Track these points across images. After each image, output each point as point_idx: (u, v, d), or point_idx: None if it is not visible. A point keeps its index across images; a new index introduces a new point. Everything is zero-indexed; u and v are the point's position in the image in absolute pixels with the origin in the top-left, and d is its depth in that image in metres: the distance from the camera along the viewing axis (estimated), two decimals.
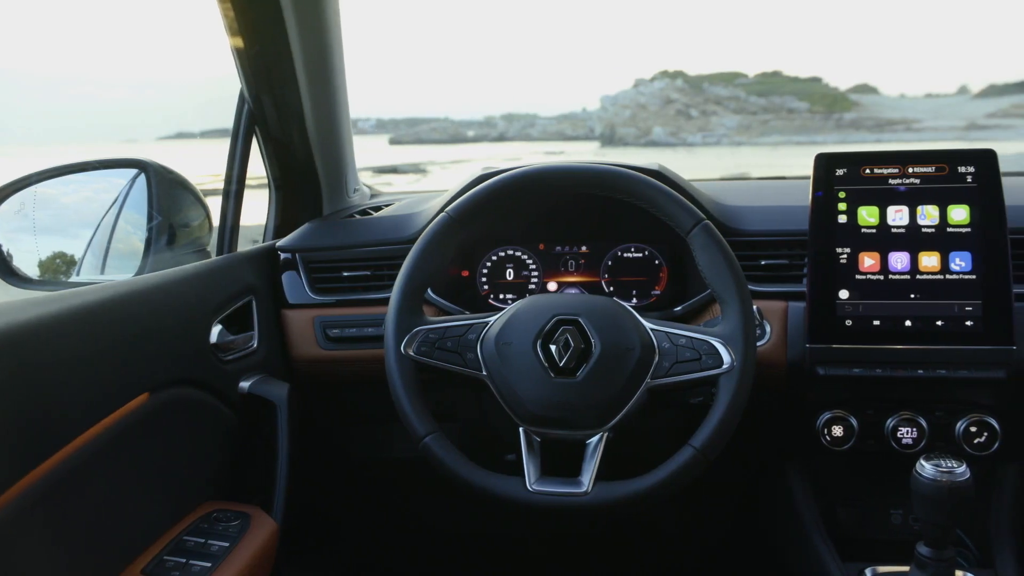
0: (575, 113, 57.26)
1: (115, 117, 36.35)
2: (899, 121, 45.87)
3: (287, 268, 1.43)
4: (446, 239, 1.17)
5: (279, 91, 1.33)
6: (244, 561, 1.04)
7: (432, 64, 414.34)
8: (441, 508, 1.64)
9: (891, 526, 1.35)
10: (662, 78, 50.92)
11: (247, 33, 1.22)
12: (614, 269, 1.48)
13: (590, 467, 1.07)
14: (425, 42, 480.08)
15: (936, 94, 66.51)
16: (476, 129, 63.00)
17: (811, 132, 46.58)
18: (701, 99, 51.60)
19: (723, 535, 1.71)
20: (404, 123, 70.82)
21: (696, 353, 1.09)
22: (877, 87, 59.72)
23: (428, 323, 1.14)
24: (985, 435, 1.23)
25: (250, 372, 1.26)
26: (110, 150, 1.63)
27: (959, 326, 1.22)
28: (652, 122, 48.64)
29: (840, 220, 1.28)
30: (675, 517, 1.71)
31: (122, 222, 1.57)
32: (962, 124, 38.85)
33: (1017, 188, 1.37)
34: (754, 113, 49.82)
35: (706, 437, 1.05)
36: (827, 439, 1.27)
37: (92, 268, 1.59)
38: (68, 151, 1.80)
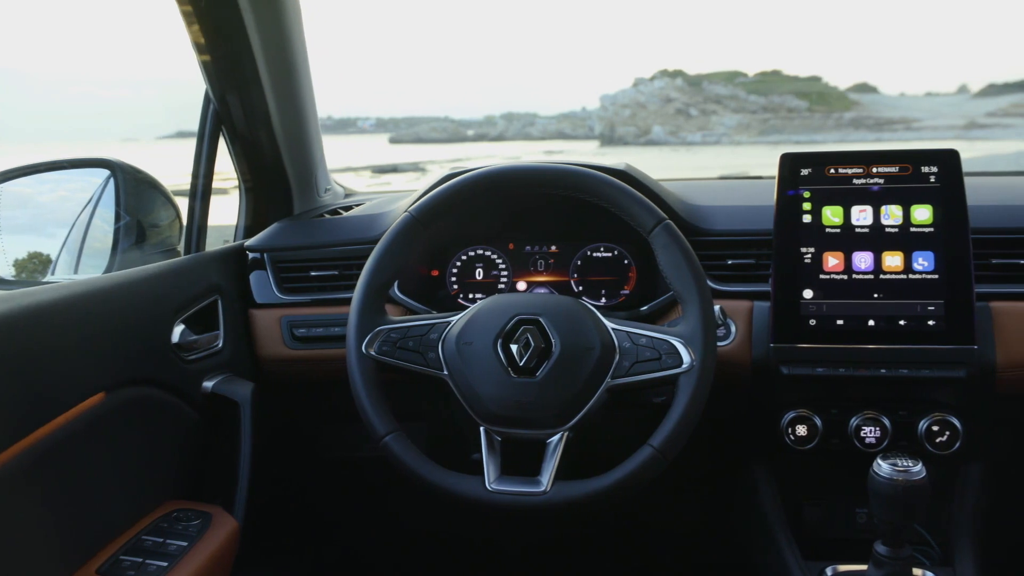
0: (575, 112, 57.18)
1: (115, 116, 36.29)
2: (899, 120, 45.83)
3: (255, 268, 1.44)
4: (409, 239, 1.17)
5: (244, 92, 1.33)
6: (202, 560, 1.04)
7: (432, 63, 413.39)
8: (411, 508, 1.64)
9: (857, 525, 1.35)
10: (662, 77, 50.89)
11: (208, 34, 1.22)
12: (583, 269, 1.49)
13: (549, 466, 1.07)
14: (425, 41, 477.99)
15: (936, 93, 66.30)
16: (476, 128, 62.86)
17: (811, 131, 46.55)
18: (701, 98, 51.54)
19: (691, 534, 1.71)
20: (404, 122, 70.71)
21: (656, 353, 1.09)
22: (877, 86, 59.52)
23: (390, 323, 1.15)
24: (947, 434, 1.23)
25: (215, 372, 1.26)
26: (110, 149, 1.63)
27: (921, 325, 1.22)
28: (652, 121, 48.59)
29: (805, 220, 1.28)
30: (644, 516, 1.71)
31: (97, 221, 1.57)
32: (962, 123, 38.82)
33: (979, 188, 1.37)
34: (754, 112, 49.78)
35: (664, 437, 1.06)
36: (791, 438, 1.27)
37: (67, 267, 1.60)
38: (67, 150, 1.80)
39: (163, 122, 45.02)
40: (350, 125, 76.42)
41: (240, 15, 1.19)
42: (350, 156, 34.83)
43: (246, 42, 1.24)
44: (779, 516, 1.30)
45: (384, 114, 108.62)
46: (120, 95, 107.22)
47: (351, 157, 32.68)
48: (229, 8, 1.18)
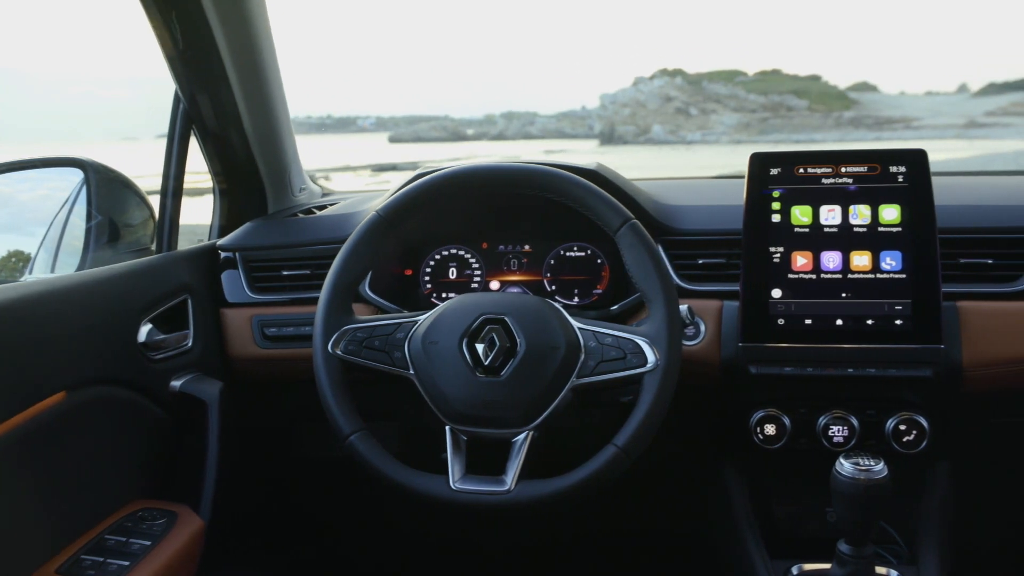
0: (574, 111, 57.16)
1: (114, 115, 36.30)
2: (898, 119, 45.80)
3: (227, 267, 1.44)
4: (375, 238, 1.18)
5: (212, 91, 1.33)
6: (164, 560, 1.05)
7: (433, 62, 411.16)
8: (389, 507, 1.64)
9: (827, 524, 1.36)
10: (661, 76, 50.84)
11: (173, 33, 1.22)
12: (556, 268, 1.49)
13: (514, 466, 1.08)
14: (426, 40, 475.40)
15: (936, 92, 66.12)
16: (476, 127, 62.80)
17: (810, 130, 46.52)
18: (700, 97, 51.52)
19: (662, 532, 1.72)
20: (404, 121, 70.55)
21: (621, 352, 1.10)
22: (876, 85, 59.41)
23: (356, 322, 1.15)
24: (914, 433, 1.23)
25: (183, 371, 1.26)
26: (110, 148, 1.63)
27: (889, 325, 1.22)
28: (651, 120, 48.59)
29: (774, 219, 1.29)
30: (615, 515, 1.71)
31: (74, 219, 1.58)
32: (961, 122, 38.77)
33: (947, 188, 1.38)
34: (753, 111, 49.77)
35: (628, 436, 1.06)
36: (759, 437, 1.28)
37: (44, 266, 1.60)
38: (66, 150, 1.80)
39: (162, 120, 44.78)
40: (350, 124, 76.17)
41: (204, 13, 1.19)
42: (350, 155, 34.77)
43: (212, 41, 1.24)
44: (747, 515, 1.31)
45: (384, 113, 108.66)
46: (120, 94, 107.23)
47: (351, 156, 32.61)
48: (192, 7, 1.18)
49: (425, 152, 46.10)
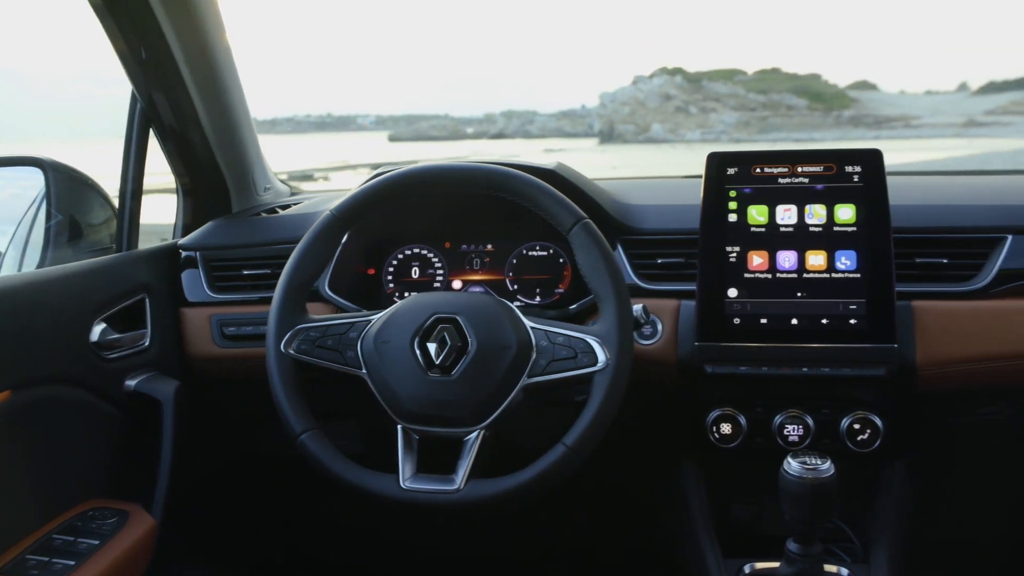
0: (574, 110, 57.11)
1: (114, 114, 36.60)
2: (898, 118, 45.81)
3: (188, 266, 1.44)
4: (329, 238, 1.18)
5: (168, 91, 1.33)
6: (112, 559, 1.05)
7: (433, 61, 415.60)
8: (342, 506, 1.64)
9: (786, 523, 1.36)
10: (661, 75, 50.86)
11: (124, 33, 1.22)
12: (518, 267, 1.49)
13: (464, 465, 1.08)
14: (426, 39, 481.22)
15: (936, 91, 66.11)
16: (475, 126, 62.81)
17: (810, 129, 46.55)
18: (700, 96, 51.54)
19: (621, 532, 1.72)
20: (404, 120, 70.63)
21: (572, 351, 1.10)
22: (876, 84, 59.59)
23: (310, 321, 1.15)
24: (868, 432, 1.23)
25: (139, 370, 1.27)
26: (110, 147, 1.64)
27: (843, 324, 1.22)
28: (651, 119, 48.59)
29: (730, 219, 1.29)
30: (574, 514, 1.72)
31: (40, 218, 1.58)
32: (960, 121, 38.79)
33: (905, 188, 1.38)
34: (753, 110, 49.78)
35: (578, 435, 1.06)
36: (715, 436, 1.28)
37: (13, 264, 1.60)
38: (66, 149, 1.80)
39: None
40: (350, 122, 76.33)
41: (153, 13, 1.19)
42: (349, 154, 34.80)
43: (164, 41, 1.24)
44: (704, 514, 1.31)
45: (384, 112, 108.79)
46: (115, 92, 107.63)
47: (351, 154, 32.66)
48: (141, 7, 1.18)
49: (425, 150, 46.20)
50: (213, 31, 1.31)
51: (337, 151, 33.86)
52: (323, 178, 13.68)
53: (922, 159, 22.36)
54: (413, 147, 52.78)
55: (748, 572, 1.21)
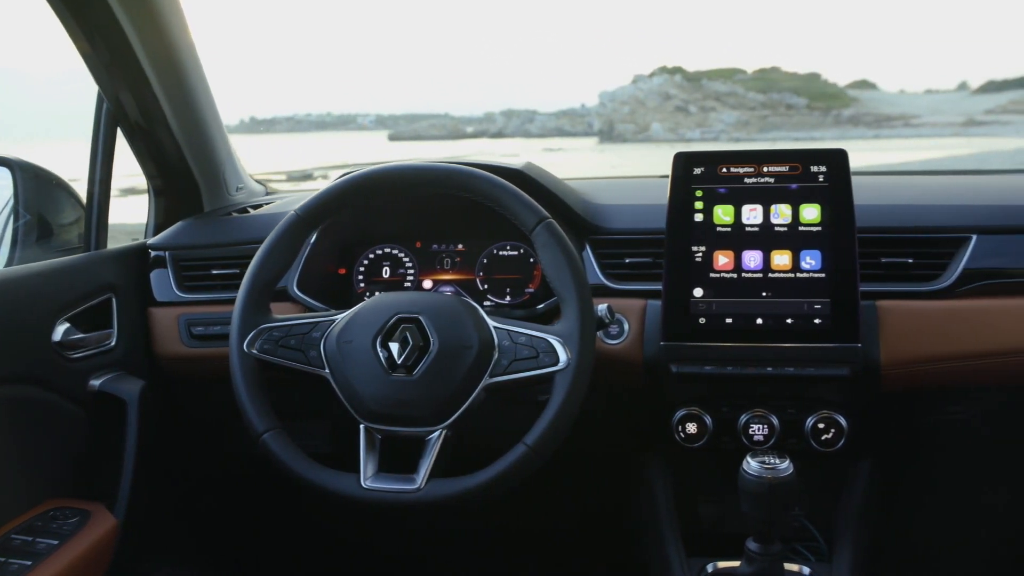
0: (574, 109, 57.02)
1: None
2: (897, 117, 45.78)
3: (157, 266, 1.44)
4: (293, 238, 1.19)
5: (134, 92, 1.33)
6: (71, 559, 1.05)
7: (433, 60, 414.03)
8: (320, 506, 1.65)
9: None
10: (661, 74, 50.80)
11: (86, 33, 1.22)
12: (489, 267, 1.49)
13: (425, 464, 1.08)
14: (426, 38, 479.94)
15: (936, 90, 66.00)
16: (475, 125, 62.72)
17: (809, 128, 46.53)
18: (700, 95, 51.48)
19: (589, 531, 1.72)
20: (404, 119, 70.57)
21: (534, 351, 1.10)
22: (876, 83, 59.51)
23: (273, 321, 1.16)
24: (832, 432, 1.24)
25: (105, 370, 1.27)
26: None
27: (808, 324, 1.22)
28: (650, 118, 48.55)
29: (696, 219, 1.29)
30: (541, 514, 1.72)
31: (9, 218, 1.58)
32: (960, 120, 38.78)
33: (871, 188, 1.38)
34: (752, 109, 49.75)
35: (538, 435, 1.07)
36: (681, 436, 1.28)
37: None
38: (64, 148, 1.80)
39: None
40: (350, 122, 76.21)
41: (113, 14, 1.18)
42: (350, 153, 34.77)
43: (126, 42, 1.24)
44: (669, 512, 1.31)
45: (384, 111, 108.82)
46: None
47: (351, 154, 32.63)
48: (100, 7, 1.18)
49: (424, 150, 46.16)
50: (176, 32, 1.31)
51: (337, 150, 33.85)
52: (323, 177, 13.64)
53: (922, 158, 22.34)
54: (413, 146, 52.69)
55: (711, 571, 1.21)
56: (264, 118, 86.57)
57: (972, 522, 1.54)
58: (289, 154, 27.15)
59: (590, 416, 1.30)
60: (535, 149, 36.89)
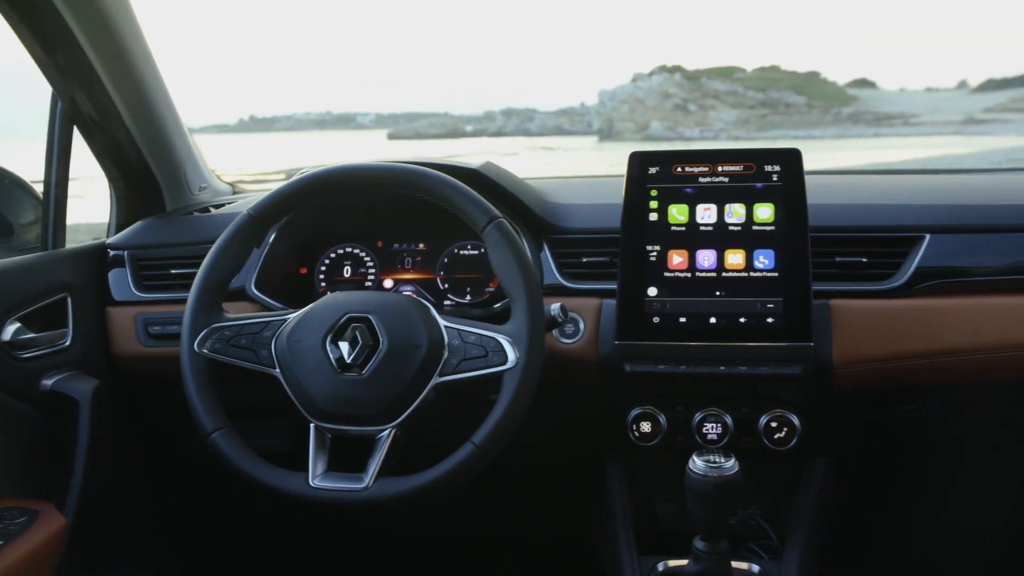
0: (573, 108, 57.04)
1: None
2: (897, 116, 45.80)
3: (115, 265, 1.45)
4: (244, 237, 1.19)
5: (88, 92, 1.32)
6: (16, 558, 1.05)
7: (433, 59, 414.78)
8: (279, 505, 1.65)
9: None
10: (660, 73, 50.79)
11: (35, 36, 1.22)
12: (450, 266, 1.49)
13: (374, 463, 1.09)
14: (426, 37, 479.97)
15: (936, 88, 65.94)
16: (475, 124, 62.75)
17: (809, 126, 46.54)
18: (699, 94, 51.49)
19: (545, 530, 1.72)
20: (403, 118, 70.63)
21: (483, 350, 1.10)
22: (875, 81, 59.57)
23: (224, 320, 1.16)
24: (785, 430, 1.24)
25: (58, 369, 1.27)
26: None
27: (761, 323, 1.22)
28: (650, 117, 48.53)
29: (651, 218, 1.29)
30: (498, 513, 1.72)
31: None
32: (959, 118, 38.78)
33: (824, 187, 1.38)
34: (752, 108, 49.76)
35: (486, 434, 1.07)
36: (636, 435, 1.28)
37: None
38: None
39: None
40: (350, 120, 76.32)
41: (60, 15, 1.18)
42: (349, 152, 34.76)
43: (75, 43, 1.23)
44: (624, 511, 1.31)
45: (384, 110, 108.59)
46: None
47: (350, 153, 32.60)
48: (45, 7, 1.17)
49: (424, 149, 46.16)
50: (126, 33, 1.30)
51: (336, 149, 33.86)
52: None
53: (921, 156, 22.32)
54: (412, 145, 52.72)
55: (661, 570, 1.22)
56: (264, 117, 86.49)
57: (927, 519, 1.55)
58: (289, 153, 27.15)
59: (547, 414, 1.30)
60: (534, 148, 36.90)
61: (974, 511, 1.53)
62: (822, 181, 1.45)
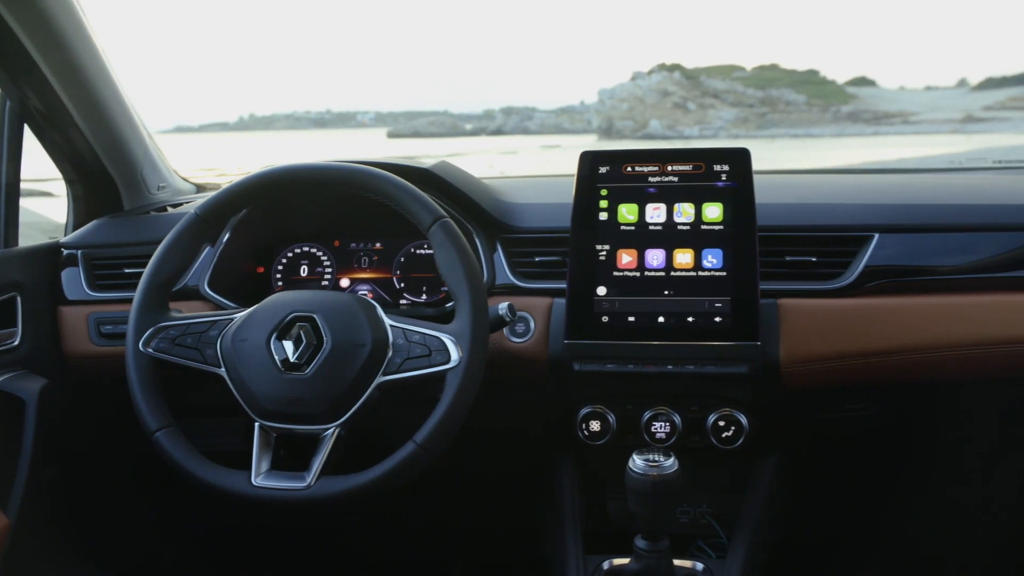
0: (573, 106, 56.99)
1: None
2: (896, 114, 45.79)
3: (68, 264, 1.45)
4: (191, 237, 1.19)
5: (36, 92, 1.32)
6: None
7: (432, 58, 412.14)
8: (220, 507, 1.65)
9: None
10: (659, 71, 50.73)
11: None
12: (406, 266, 1.49)
13: (317, 462, 1.09)
14: (426, 35, 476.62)
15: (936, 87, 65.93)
16: (474, 122, 62.68)
17: (808, 124, 46.52)
18: (698, 92, 51.44)
19: (495, 529, 1.72)
20: (403, 116, 70.54)
21: (427, 349, 1.10)
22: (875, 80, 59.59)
23: (170, 319, 1.16)
24: (733, 429, 1.24)
25: (6, 368, 1.27)
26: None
27: (709, 322, 1.22)
28: (649, 115, 48.49)
29: (601, 217, 1.29)
30: (448, 511, 1.72)
31: None
32: (959, 117, 38.75)
33: (775, 187, 1.38)
34: (751, 106, 49.73)
35: (427, 433, 1.07)
36: (585, 434, 1.28)
37: None
38: None
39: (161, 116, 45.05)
40: (349, 119, 76.35)
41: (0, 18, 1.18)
42: (348, 151, 34.68)
43: (18, 45, 1.23)
44: (573, 509, 1.31)
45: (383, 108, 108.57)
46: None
47: (350, 151, 32.55)
48: None
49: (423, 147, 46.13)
50: (73, 35, 1.30)
51: (336, 148, 33.86)
52: None
53: (920, 154, 22.29)
54: (412, 143, 52.71)
55: (607, 568, 1.21)
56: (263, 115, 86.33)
57: (875, 518, 1.55)
58: (289, 152, 27.13)
59: (499, 412, 1.30)
60: (534, 146, 36.85)
61: (923, 510, 1.54)
62: (774, 181, 1.46)
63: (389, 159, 1.38)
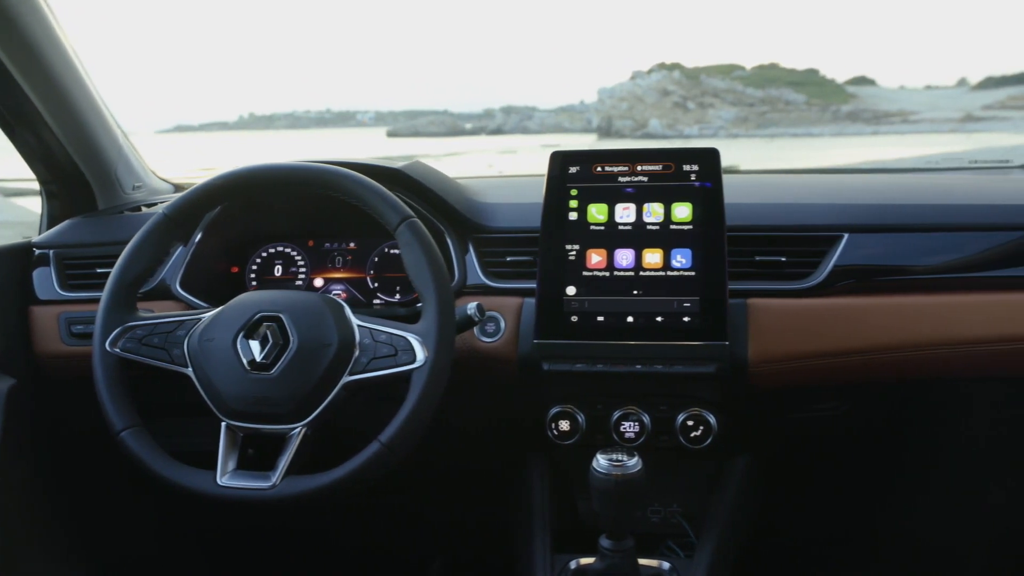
0: (573, 106, 56.91)
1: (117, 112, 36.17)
2: (896, 113, 45.75)
3: (40, 264, 1.45)
4: (159, 237, 1.20)
5: (6, 92, 1.32)
6: None
7: (432, 57, 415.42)
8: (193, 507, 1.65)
9: (633, 519, 1.36)
10: (659, 70, 50.66)
11: None
12: (380, 265, 1.49)
13: (283, 461, 1.10)
14: (426, 35, 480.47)
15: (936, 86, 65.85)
16: (474, 122, 62.65)
17: (808, 124, 46.49)
18: (698, 91, 51.39)
19: (466, 527, 1.72)
20: (403, 116, 70.51)
21: (393, 349, 1.11)
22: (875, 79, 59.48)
23: (138, 319, 1.17)
24: (701, 428, 1.24)
25: None
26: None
27: (677, 322, 1.23)
28: (649, 114, 48.45)
29: (571, 217, 1.29)
30: (419, 511, 1.72)
31: None
32: (959, 116, 38.71)
33: (745, 186, 1.38)
34: (751, 105, 49.69)
35: (393, 433, 1.08)
36: (554, 433, 1.28)
37: None
38: None
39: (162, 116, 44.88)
40: (349, 118, 76.12)
41: None
42: (348, 150, 34.68)
43: None
44: (543, 508, 1.32)
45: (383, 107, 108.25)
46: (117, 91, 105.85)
47: (349, 151, 32.57)
48: None
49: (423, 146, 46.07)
50: (38, 34, 1.29)
51: (336, 147, 33.90)
52: None
53: (919, 154, 22.26)
54: (412, 143, 52.59)
55: (573, 568, 1.22)
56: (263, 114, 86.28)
57: (846, 517, 1.55)
58: (289, 151, 27.14)
59: (469, 414, 1.30)
60: (534, 145, 36.81)
61: (893, 510, 1.54)
62: (745, 180, 1.46)
63: (363, 159, 1.39)
